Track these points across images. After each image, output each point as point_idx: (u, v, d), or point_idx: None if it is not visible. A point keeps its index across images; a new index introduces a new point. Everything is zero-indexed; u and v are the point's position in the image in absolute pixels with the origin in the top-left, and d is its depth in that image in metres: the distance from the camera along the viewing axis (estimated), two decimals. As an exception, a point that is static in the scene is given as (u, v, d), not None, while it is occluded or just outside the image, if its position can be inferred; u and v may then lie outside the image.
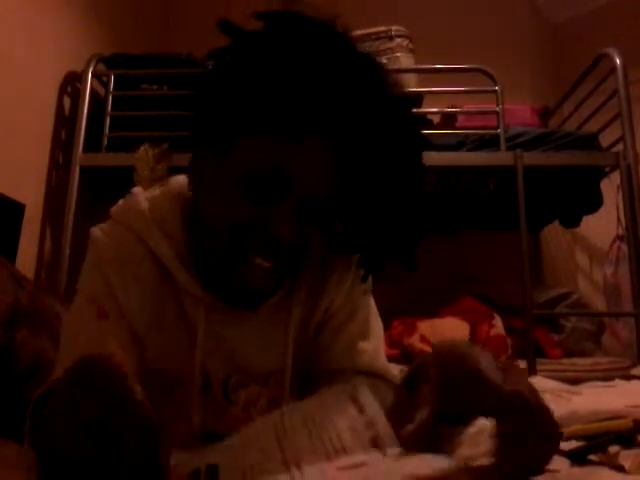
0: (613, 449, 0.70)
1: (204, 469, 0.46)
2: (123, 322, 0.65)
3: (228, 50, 0.61)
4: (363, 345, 0.71)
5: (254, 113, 0.57)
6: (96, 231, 0.68)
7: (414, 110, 0.63)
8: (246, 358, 0.69)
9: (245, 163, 0.58)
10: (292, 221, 0.58)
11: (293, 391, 0.70)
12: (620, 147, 2.09)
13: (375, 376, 0.70)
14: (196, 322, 0.66)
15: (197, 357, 0.66)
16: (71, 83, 2.24)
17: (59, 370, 0.63)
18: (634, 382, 1.51)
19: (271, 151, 0.57)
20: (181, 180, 0.71)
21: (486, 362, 0.50)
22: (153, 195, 0.70)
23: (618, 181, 2.10)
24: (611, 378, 1.62)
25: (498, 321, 2.04)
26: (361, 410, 0.52)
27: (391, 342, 2.04)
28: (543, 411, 0.48)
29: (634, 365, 1.92)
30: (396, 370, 0.74)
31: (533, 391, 0.49)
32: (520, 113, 2.32)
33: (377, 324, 0.75)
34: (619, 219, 2.24)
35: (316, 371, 0.72)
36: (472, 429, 0.52)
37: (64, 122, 2.21)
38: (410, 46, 2.30)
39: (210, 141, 0.62)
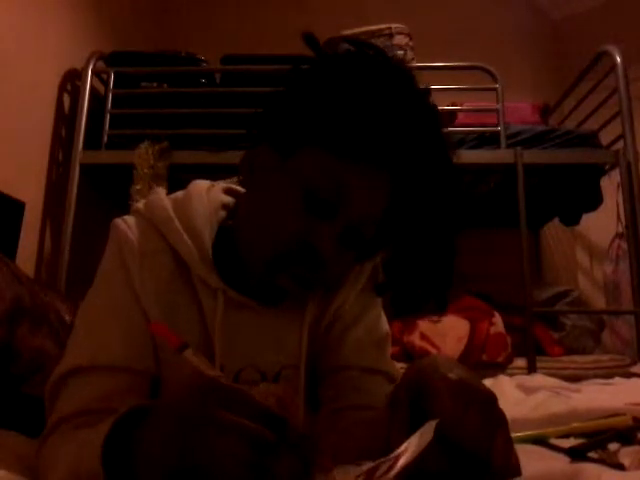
0: (613, 446, 0.71)
1: None
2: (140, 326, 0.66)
3: (312, 61, 0.63)
4: (369, 345, 0.73)
5: (327, 128, 0.59)
6: (118, 221, 0.70)
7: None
8: (259, 352, 0.69)
9: (305, 173, 0.60)
10: (335, 241, 0.60)
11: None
12: (620, 145, 2.09)
13: (380, 374, 0.72)
14: (211, 315, 0.67)
15: (216, 347, 0.66)
16: (71, 81, 2.24)
17: (70, 358, 0.64)
18: (634, 380, 1.52)
19: (333, 168, 0.59)
20: (202, 184, 0.74)
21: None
22: (176, 195, 0.73)
23: (618, 179, 2.10)
24: (611, 376, 1.62)
25: (498, 319, 2.03)
26: None
27: (391, 340, 2.03)
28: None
29: (634, 363, 1.93)
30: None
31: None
32: (520, 111, 2.31)
33: (384, 325, 0.77)
34: (619, 217, 2.24)
35: (323, 369, 0.73)
36: None
37: (64, 120, 2.21)
38: (410, 43, 2.30)
39: (274, 142, 0.64)
